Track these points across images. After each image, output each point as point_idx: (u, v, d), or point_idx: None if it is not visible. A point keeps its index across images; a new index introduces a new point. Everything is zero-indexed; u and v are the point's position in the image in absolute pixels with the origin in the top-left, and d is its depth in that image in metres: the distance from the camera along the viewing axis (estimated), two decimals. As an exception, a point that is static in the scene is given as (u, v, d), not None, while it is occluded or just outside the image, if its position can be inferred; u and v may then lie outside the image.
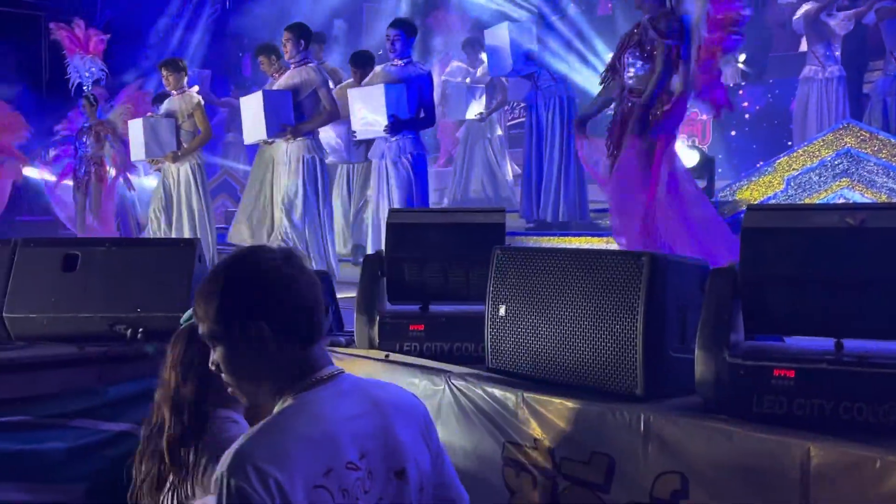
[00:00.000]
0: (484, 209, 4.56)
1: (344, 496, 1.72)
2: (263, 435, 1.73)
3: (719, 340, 2.65)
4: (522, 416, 3.01)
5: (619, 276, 2.89)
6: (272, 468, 1.64)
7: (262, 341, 1.77)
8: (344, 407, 1.80)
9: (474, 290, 3.65)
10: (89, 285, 4.16)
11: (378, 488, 1.79)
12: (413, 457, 1.87)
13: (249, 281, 1.80)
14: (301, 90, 7.26)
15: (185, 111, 8.26)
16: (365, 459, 1.78)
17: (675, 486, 2.59)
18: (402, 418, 1.90)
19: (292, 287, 1.80)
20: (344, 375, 1.86)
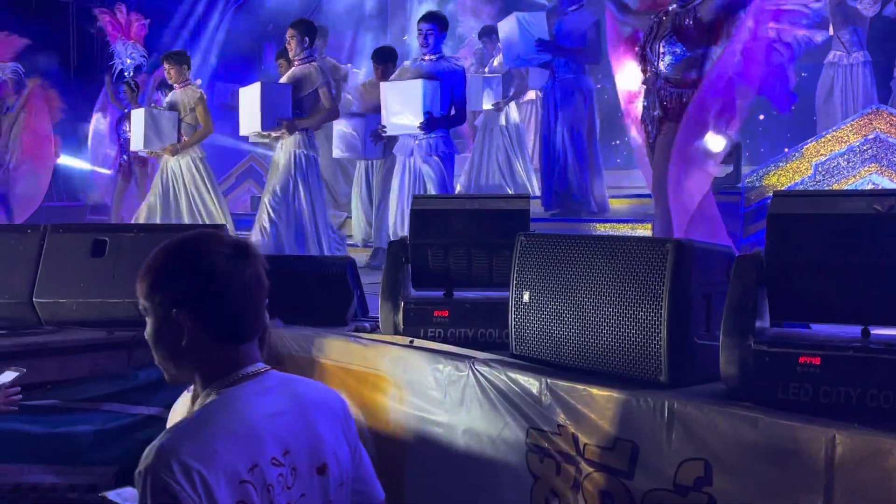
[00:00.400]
0: (508, 195, 4.56)
1: (268, 492, 1.73)
2: (188, 430, 1.74)
3: (744, 327, 2.64)
4: (546, 403, 3.02)
5: (643, 263, 2.89)
6: (197, 463, 1.65)
7: (182, 331, 1.79)
8: (268, 404, 1.81)
9: (498, 276, 3.66)
10: (118, 271, 4.21)
11: (300, 484, 1.81)
12: (334, 453, 1.89)
13: (184, 271, 1.81)
14: (302, 87, 7.18)
15: (188, 104, 8.23)
16: (288, 456, 1.79)
17: (698, 473, 2.58)
18: (324, 415, 1.92)
19: (226, 287, 1.80)
20: (270, 373, 1.88)
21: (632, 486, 2.75)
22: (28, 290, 4.17)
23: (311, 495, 1.83)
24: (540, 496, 3.05)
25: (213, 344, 1.80)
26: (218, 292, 1.79)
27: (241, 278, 1.81)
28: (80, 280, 4.19)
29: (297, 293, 4.30)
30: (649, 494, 2.70)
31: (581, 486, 2.91)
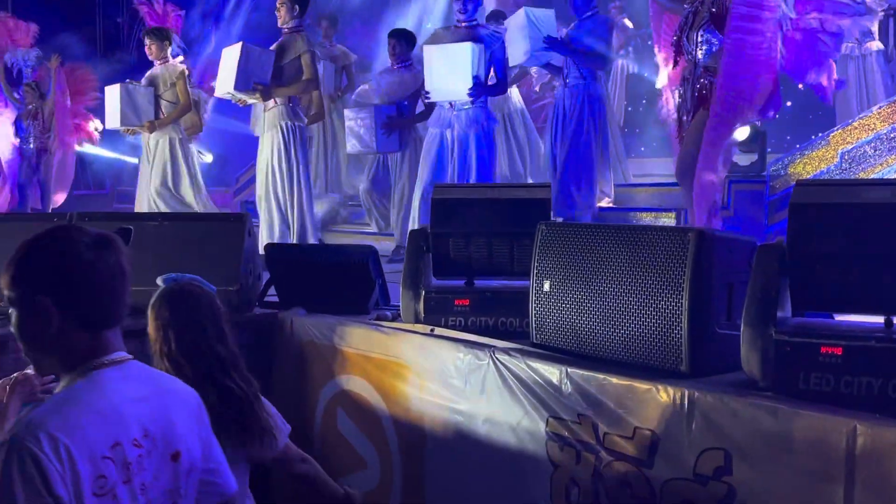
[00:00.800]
0: (529, 184, 4.55)
1: (126, 469, 1.83)
2: (56, 406, 1.82)
3: (766, 317, 2.63)
4: (566, 391, 3.03)
5: (664, 252, 2.88)
6: (63, 436, 1.73)
7: (48, 318, 1.84)
8: (131, 389, 1.90)
9: (519, 265, 3.66)
10: (142, 259, 4.22)
11: (154, 467, 1.90)
12: (186, 442, 1.99)
13: (46, 259, 1.86)
14: (285, 55, 6.88)
15: (168, 80, 7.86)
16: (147, 439, 1.89)
17: (718, 463, 2.58)
18: (180, 406, 2.02)
19: (89, 273, 1.86)
20: (132, 362, 1.96)
21: (651, 475, 2.75)
22: (54, 277, 4.22)
23: (163, 478, 1.94)
24: (559, 484, 3.06)
25: (78, 330, 1.87)
26: (80, 279, 1.86)
27: (104, 266, 1.87)
28: (105, 268, 4.23)
29: (320, 282, 4.33)
30: (668, 483, 2.70)
31: (601, 474, 2.91)
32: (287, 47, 6.95)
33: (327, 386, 4.10)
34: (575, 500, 3.02)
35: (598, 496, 2.92)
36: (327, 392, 4.10)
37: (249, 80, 6.72)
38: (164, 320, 2.73)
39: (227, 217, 4.88)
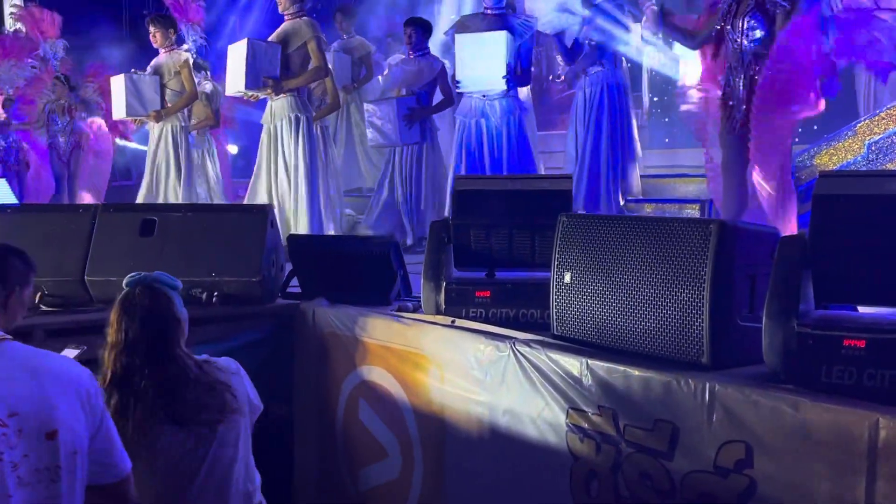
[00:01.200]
0: (551, 176, 4.54)
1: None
2: None
3: (788, 309, 2.61)
4: (587, 383, 3.03)
5: (686, 244, 2.86)
6: None
7: None
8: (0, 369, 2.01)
9: (540, 256, 3.66)
10: (166, 250, 4.29)
11: (25, 445, 1.98)
12: (67, 422, 2.05)
13: None
14: (290, 43, 6.69)
15: (172, 68, 7.73)
16: (14, 418, 1.97)
17: (739, 456, 2.57)
18: (62, 387, 2.08)
19: None
20: (8, 343, 2.08)
21: (671, 468, 2.74)
22: (80, 268, 4.27)
23: (37, 456, 2.01)
24: (579, 476, 3.06)
25: None
26: None
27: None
28: (130, 259, 4.26)
29: (342, 273, 4.35)
30: (689, 476, 2.69)
31: (621, 466, 2.91)
32: (291, 35, 6.76)
33: (349, 376, 4.12)
34: (595, 492, 3.02)
35: (618, 488, 2.92)
36: (349, 382, 4.13)
37: (259, 76, 6.61)
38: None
39: (249, 208, 4.91)
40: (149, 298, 2.74)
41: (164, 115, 7.69)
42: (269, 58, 6.66)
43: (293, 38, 6.74)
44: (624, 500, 2.90)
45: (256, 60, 6.58)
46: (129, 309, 2.72)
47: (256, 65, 6.59)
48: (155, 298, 2.74)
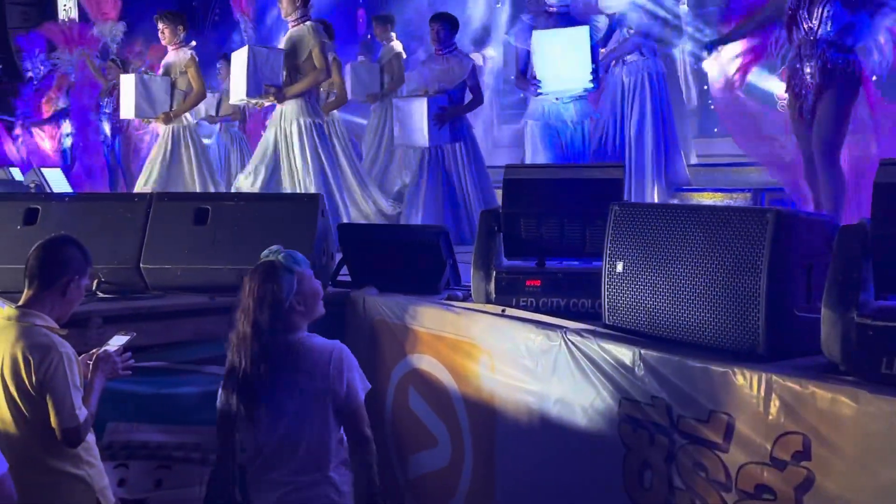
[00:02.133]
0: (602, 164, 4.50)
1: None
2: None
3: (847, 299, 2.56)
4: (639, 373, 3.00)
5: (742, 233, 2.82)
6: None
7: None
8: None
9: (591, 245, 3.64)
10: (219, 238, 4.35)
11: None
12: None
13: None
14: (298, 52, 6.68)
15: (178, 67, 7.65)
16: None
17: (797, 448, 2.53)
18: None
19: None
20: None
21: (727, 459, 2.71)
22: (135, 256, 4.34)
23: None
24: (632, 467, 3.04)
25: None
26: None
27: None
28: (184, 247, 4.34)
29: (392, 262, 4.37)
30: (745, 467, 2.66)
31: (674, 457, 2.88)
32: (298, 43, 6.74)
33: (399, 364, 4.14)
34: (648, 483, 3.00)
35: (672, 479, 2.89)
36: (399, 370, 4.14)
37: (261, 83, 6.59)
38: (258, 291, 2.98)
39: (301, 197, 4.95)
40: (262, 273, 2.98)
41: (173, 117, 7.61)
42: (270, 64, 6.62)
43: (300, 46, 6.74)
44: (679, 491, 2.87)
45: (258, 68, 6.56)
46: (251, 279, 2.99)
47: (257, 72, 6.56)
48: (266, 275, 2.97)
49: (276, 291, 2.93)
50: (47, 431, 2.94)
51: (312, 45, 6.69)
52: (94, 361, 3.19)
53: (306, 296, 3.02)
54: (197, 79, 7.61)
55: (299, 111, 6.76)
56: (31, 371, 2.89)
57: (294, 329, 3.00)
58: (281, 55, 6.70)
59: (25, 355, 2.90)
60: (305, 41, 6.72)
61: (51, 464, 3.00)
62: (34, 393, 2.91)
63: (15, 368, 2.91)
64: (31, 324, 2.97)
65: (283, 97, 6.69)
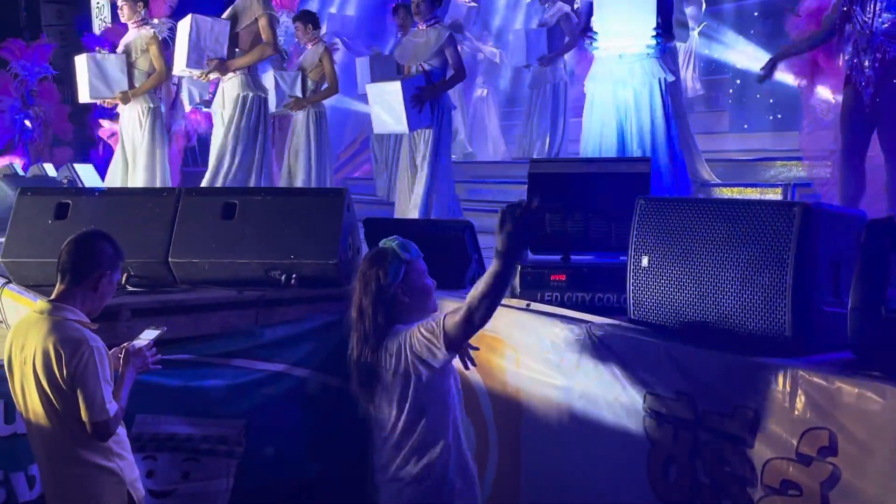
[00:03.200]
0: (628, 158, 4.49)
1: None
2: None
3: (875, 295, 2.53)
4: (664, 368, 2.99)
5: (768, 227, 2.80)
6: None
7: None
8: None
9: (616, 240, 3.63)
10: (246, 233, 4.38)
11: None
12: None
13: None
14: (240, 19, 6.41)
15: (140, 46, 7.27)
16: None
17: (823, 443, 2.51)
18: None
19: None
20: None
21: (751, 454, 2.70)
22: (164, 250, 4.39)
23: None
24: (657, 461, 3.04)
25: None
26: None
27: None
28: (212, 241, 4.38)
29: (417, 256, 4.38)
30: (770, 462, 2.65)
31: (699, 452, 2.87)
32: (241, 11, 6.47)
33: (424, 359, 4.15)
34: (673, 478, 2.99)
35: (697, 474, 2.88)
36: (424, 365, 4.16)
37: (203, 54, 6.32)
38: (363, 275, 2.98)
39: (326, 192, 4.97)
40: (370, 258, 2.98)
41: (131, 97, 7.26)
42: (214, 35, 6.36)
43: (243, 14, 6.46)
44: (703, 486, 2.86)
45: (200, 38, 6.31)
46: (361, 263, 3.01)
47: (200, 42, 6.31)
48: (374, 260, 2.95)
49: (382, 277, 2.89)
50: (79, 424, 2.97)
51: (260, 14, 6.41)
52: (124, 356, 3.23)
53: (413, 287, 2.95)
54: (159, 58, 7.22)
55: (239, 86, 6.51)
56: (63, 365, 2.93)
57: (396, 320, 2.93)
58: (227, 26, 6.45)
59: (57, 349, 2.94)
60: (251, 10, 6.45)
61: (83, 456, 3.03)
62: (65, 387, 2.95)
63: (47, 362, 2.95)
64: (62, 318, 3.01)
65: (227, 69, 6.41)
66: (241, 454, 3.98)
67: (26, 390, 3.04)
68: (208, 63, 6.40)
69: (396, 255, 2.93)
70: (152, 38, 7.26)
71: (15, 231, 4.50)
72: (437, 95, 6.52)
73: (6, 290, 4.51)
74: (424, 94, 6.41)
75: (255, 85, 6.61)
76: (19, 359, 3.04)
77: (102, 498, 3.07)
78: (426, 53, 6.57)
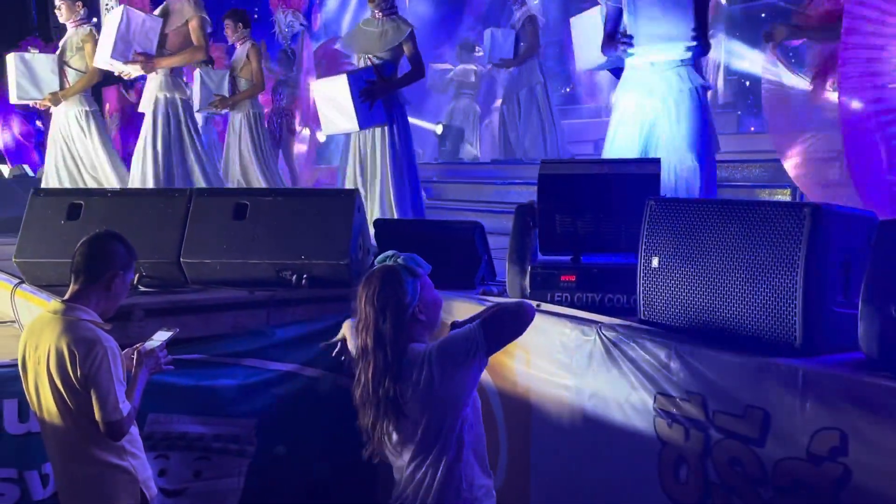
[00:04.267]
0: (639, 160, 4.48)
1: None
2: None
3: (886, 295, 2.54)
4: (675, 368, 3.00)
5: (779, 229, 2.81)
6: None
7: None
8: None
9: (626, 241, 3.63)
10: (258, 233, 4.41)
11: None
12: None
13: None
14: (170, 20, 6.28)
15: (76, 44, 7.02)
16: None
17: (834, 443, 2.52)
18: None
19: None
20: None
21: (763, 454, 2.70)
22: (176, 250, 4.42)
23: None
24: (668, 461, 3.04)
25: None
26: None
27: None
28: (223, 241, 4.41)
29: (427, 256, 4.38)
30: (781, 463, 2.65)
31: (710, 452, 2.88)
32: (172, 13, 6.35)
33: (434, 359, 4.16)
34: (683, 478, 2.99)
35: (708, 474, 2.89)
36: (434, 365, 4.17)
37: (130, 47, 6.11)
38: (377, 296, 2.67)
39: (337, 193, 5.00)
40: (381, 278, 2.67)
41: (61, 98, 6.99)
42: (145, 30, 6.21)
43: (174, 15, 6.35)
44: (714, 486, 2.87)
45: (129, 31, 6.15)
46: (367, 286, 2.69)
47: (128, 35, 6.14)
48: (386, 280, 2.66)
49: (400, 297, 2.63)
50: (92, 424, 2.99)
51: (190, 15, 6.29)
52: (137, 357, 3.25)
53: (428, 304, 2.72)
54: (92, 56, 6.77)
55: (162, 86, 6.41)
56: (77, 365, 2.95)
57: (416, 340, 2.68)
58: (159, 24, 6.33)
59: (71, 349, 2.96)
60: (182, 11, 6.33)
61: (96, 455, 3.06)
62: (79, 386, 2.97)
63: (60, 362, 2.97)
64: (76, 318, 3.03)
65: (152, 67, 6.27)
66: (253, 453, 4.01)
67: (40, 390, 3.06)
68: (134, 56, 6.21)
69: (411, 271, 2.70)
70: (88, 36, 6.98)
71: (27, 232, 4.53)
72: (390, 91, 6.09)
73: (19, 291, 4.54)
74: (376, 89, 5.96)
75: (175, 86, 6.46)
76: (33, 358, 3.06)
77: (115, 496, 3.09)
78: (379, 46, 6.12)
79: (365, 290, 2.67)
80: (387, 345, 2.60)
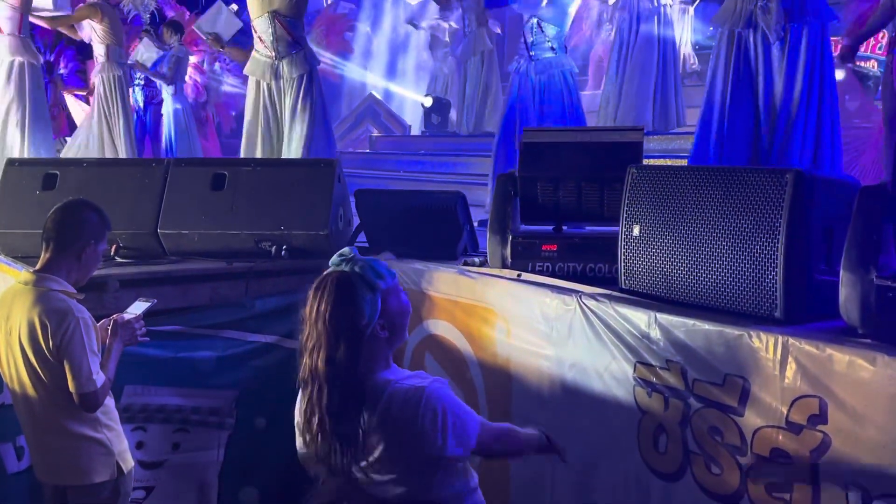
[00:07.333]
0: (621, 127, 4.44)
1: None
2: None
3: (867, 261, 2.51)
4: (655, 337, 2.97)
5: (760, 195, 2.78)
6: None
7: None
8: None
9: (608, 210, 3.60)
10: (236, 204, 4.35)
11: None
12: None
13: None
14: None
15: None
16: None
17: (813, 411, 2.50)
18: None
19: None
20: None
21: (742, 423, 2.69)
22: (153, 221, 4.36)
23: None
24: (647, 430, 3.03)
25: None
26: None
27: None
28: (202, 212, 4.35)
29: (409, 227, 4.35)
30: (760, 431, 2.64)
31: (689, 421, 2.86)
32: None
33: (415, 330, 4.13)
34: (663, 447, 2.98)
35: (687, 443, 2.88)
36: (415, 336, 4.14)
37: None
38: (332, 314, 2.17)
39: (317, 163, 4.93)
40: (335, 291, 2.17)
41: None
42: None
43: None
44: (693, 454, 2.86)
45: None
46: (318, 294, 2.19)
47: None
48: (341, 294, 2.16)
49: (356, 317, 2.14)
50: (66, 396, 2.96)
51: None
52: (112, 327, 3.21)
53: (392, 317, 2.21)
54: None
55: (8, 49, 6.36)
56: (49, 336, 2.91)
57: (377, 361, 2.20)
58: None
59: (42, 320, 2.92)
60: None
61: (70, 427, 3.02)
62: (52, 358, 2.93)
63: (32, 334, 2.93)
64: (47, 288, 2.98)
65: None
66: (232, 426, 3.98)
67: (12, 361, 3.02)
68: None
69: (370, 285, 2.18)
70: None
71: (2, 202, 4.46)
72: None
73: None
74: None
75: (26, 48, 6.37)
76: (4, 330, 3.01)
77: (91, 468, 3.06)
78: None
79: (315, 303, 2.17)
80: (340, 374, 2.14)
